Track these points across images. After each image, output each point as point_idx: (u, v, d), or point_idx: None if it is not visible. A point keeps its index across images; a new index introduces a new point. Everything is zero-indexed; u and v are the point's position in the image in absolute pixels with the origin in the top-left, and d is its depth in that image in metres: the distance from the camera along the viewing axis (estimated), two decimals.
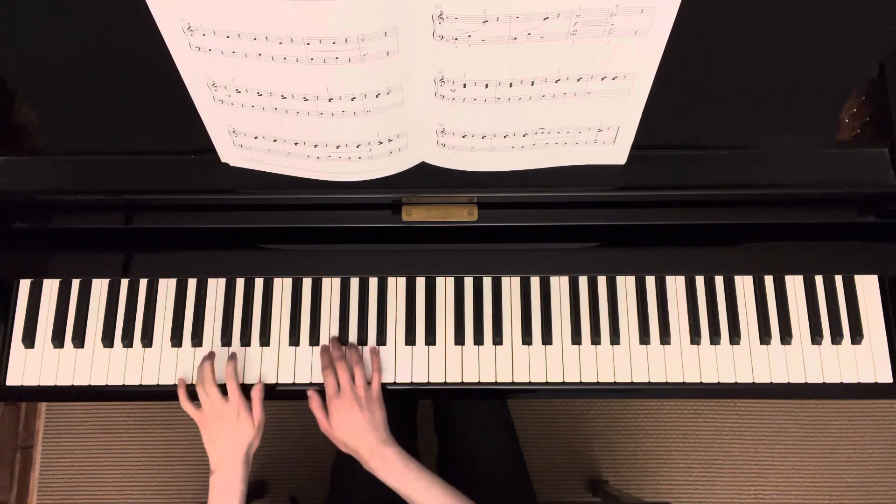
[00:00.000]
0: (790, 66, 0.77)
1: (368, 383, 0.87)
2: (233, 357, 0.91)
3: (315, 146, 0.75)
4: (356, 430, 0.83)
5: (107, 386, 0.92)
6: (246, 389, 0.89)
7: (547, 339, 0.92)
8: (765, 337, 0.91)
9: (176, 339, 0.93)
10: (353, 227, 0.90)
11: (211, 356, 0.90)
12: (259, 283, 0.95)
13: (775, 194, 0.85)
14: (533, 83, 0.67)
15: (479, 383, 0.92)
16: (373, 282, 0.95)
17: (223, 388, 0.87)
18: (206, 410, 0.86)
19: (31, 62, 0.76)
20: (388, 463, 0.81)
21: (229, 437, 0.84)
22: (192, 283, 0.95)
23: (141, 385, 0.92)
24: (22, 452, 1.59)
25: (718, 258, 0.92)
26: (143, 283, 0.95)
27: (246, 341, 0.93)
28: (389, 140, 0.75)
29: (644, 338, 0.92)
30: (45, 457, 1.61)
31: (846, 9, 0.72)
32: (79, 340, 0.93)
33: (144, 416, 1.62)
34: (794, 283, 0.93)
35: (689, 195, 0.85)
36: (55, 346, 0.93)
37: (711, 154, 0.82)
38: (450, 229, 0.89)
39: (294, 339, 0.93)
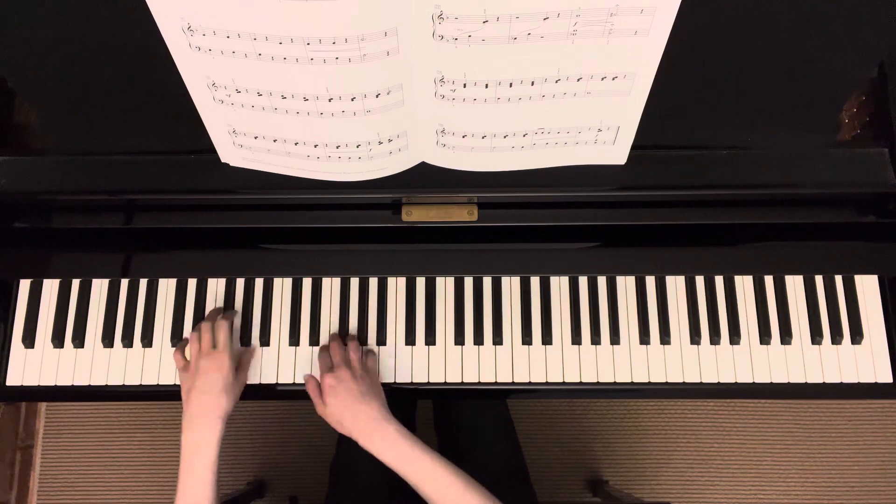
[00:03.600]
0: (790, 66, 0.77)
1: (363, 364, 0.86)
2: (231, 311, 0.91)
3: (315, 146, 0.75)
4: (350, 403, 0.79)
5: (107, 386, 0.92)
6: (246, 390, 0.89)
7: (547, 339, 0.92)
8: (765, 337, 0.91)
9: (176, 340, 0.93)
10: (353, 227, 0.90)
11: (217, 310, 0.90)
12: (259, 283, 0.95)
13: (775, 194, 0.85)
14: (533, 83, 0.67)
15: (479, 383, 0.92)
16: (373, 282, 0.95)
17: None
18: (192, 356, 0.84)
19: (31, 62, 0.76)
20: (386, 438, 0.77)
21: (209, 387, 0.80)
22: (192, 283, 0.95)
23: (141, 385, 0.92)
24: (22, 452, 1.59)
25: (718, 258, 0.92)
26: (143, 283, 0.95)
27: (246, 341, 0.93)
28: (389, 140, 0.75)
29: (644, 338, 0.92)
30: (45, 457, 1.61)
31: (846, 9, 0.72)
32: (79, 340, 0.93)
33: (144, 416, 1.62)
34: (794, 283, 0.93)
35: (689, 195, 0.85)
36: (55, 347, 0.93)
37: (711, 154, 0.82)
38: (450, 229, 0.89)
39: (294, 339, 0.93)
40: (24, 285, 0.94)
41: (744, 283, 0.94)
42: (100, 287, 0.95)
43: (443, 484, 0.74)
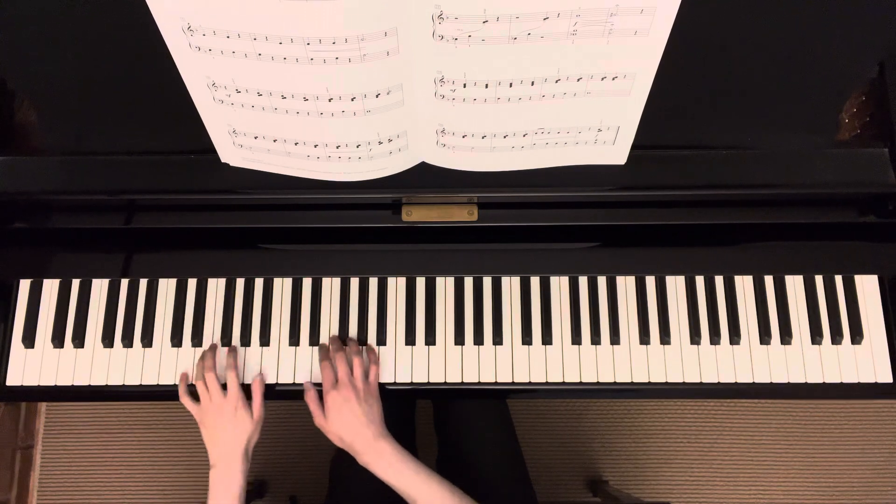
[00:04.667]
0: (790, 66, 0.77)
1: (366, 377, 0.87)
2: (233, 350, 0.91)
3: (315, 146, 0.75)
4: (352, 422, 0.82)
5: (107, 386, 0.92)
6: (246, 389, 0.89)
7: (547, 339, 0.92)
8: (765, 337, 0.91)
9: (176, 339, 0.93)
10: (353, 227, 0.90)
11: (213, 349, 0.91)
12: (259, 283, 0.95)
13: (775, 194, 0.85)
14: (533, 83, 0.67)
15: (479, 383, 0.92)
16: (373, 282, 0.95)
17: (223, 387, 0.87)
18: (203, 405, 0.86)
19: (31, 62, 0.76)
20: (384, 457, 0.81)
21: (228, 432, 0.83)
22: (192, 283, 0.95)
23: (141, 385, 0.92)
24: (22, 452, 1.59)
25: (718, 258, 0.92)
26: (143, 283, 0.95)
27: (246, 341, 0.93)
28: (389, 140, 0.75)
29: (644, 338, 0.92)
30: (45, 457, 1.61)
31: (846, 9, 0.72)
32: (79, 340, 0.93)
33: (144, 416, 1.62)
34: (794, 283, 0.93)
35: (689, 195, 0.85)
36: (55, 347, 0.93)
37: (711, 154, 0.82)
38: (450, 229, 0.89)
39: (294, 339, 0.93)
40: (24, 285, 0.94)
41: (744, 283, 0.94)
42: (100, 287, 0.94)
43: (438, 502, 0.78)
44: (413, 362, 0.92)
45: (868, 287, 0.93)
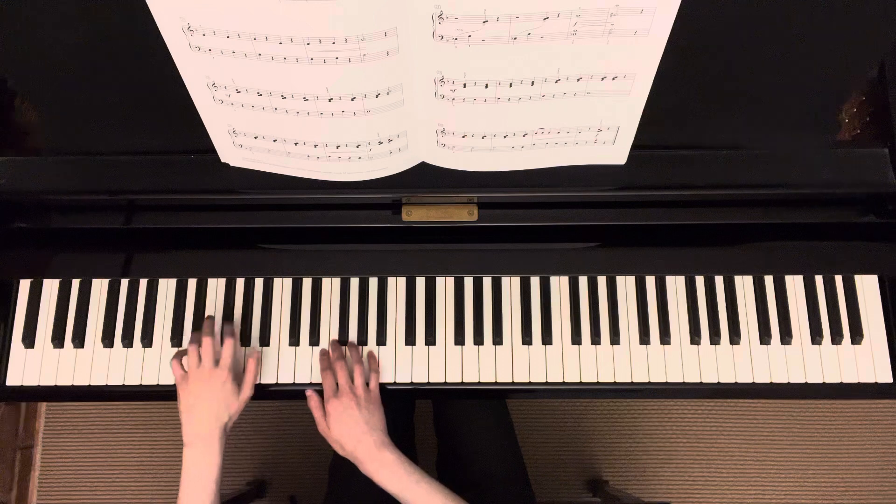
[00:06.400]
0: (790, 66, 0.77)
1: (367, 384, 0.87)
2: (231, 325, 0.90)
3: (315, 146, 0.75)
4: (354, 431, 0.82)
5: (107, 386, 0.92)
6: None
7: (547, 339, 0.92)
8: (765, 337, 0.91)
9: (176, 339, 0.93)
10: (353, 227, 0.90)
11: (210, 320, 0.89)
12: (259, 283, 0.95)
13: (775, 194, 0.85)
14: (533, 83, 0.67)
15: (479, 383, 0.92)
16: (373, 282, 0.95)
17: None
18: (191, 371, 0.82)
19: (31, 62, 0.76)
20: (386, 467, 0.80)
21: (211, 405, 0.80)
22: (192, 283, 0.95)
23: (141, 385, 0.92)
24: (22, 452, 1.59)
25: (718, 258, 0.92)
26: (143, 283, 0.95)
27: (246, 341, 0.93)
28: (389, 140, 0.75)
29: (644, 338, 0.92)
30: (45, 457, 1.61)
31: (846, 9, 0.72)
32: (79, 340, 0.93)
33: (144, 416, 1.62)
34: (794, 283, 0.93)
35: (688, 195, 0.85)
36: (55, 347, 0.93)
37: (711, 154, 0.81)
38: (450, 229, 0.89)
39: (294, 339, 0.93)
40: (24, 285, 0.94)
41: (744, 283, 0.94)
42: (100, 287, 0.94)
43: None
44: (413, 362, 0.92)
45: (868, 287, 0.93)
